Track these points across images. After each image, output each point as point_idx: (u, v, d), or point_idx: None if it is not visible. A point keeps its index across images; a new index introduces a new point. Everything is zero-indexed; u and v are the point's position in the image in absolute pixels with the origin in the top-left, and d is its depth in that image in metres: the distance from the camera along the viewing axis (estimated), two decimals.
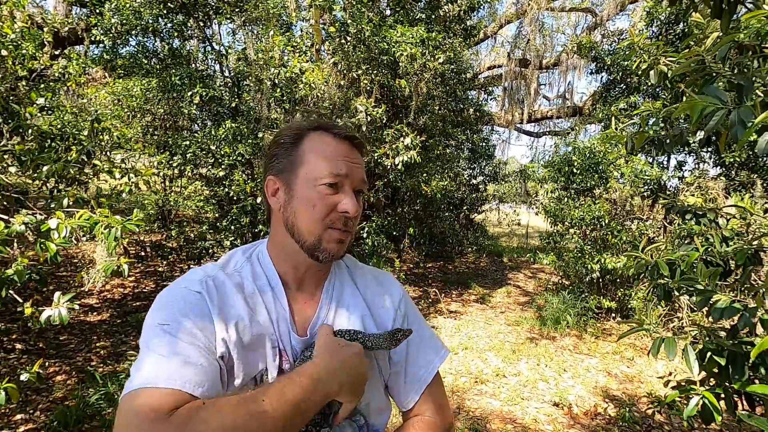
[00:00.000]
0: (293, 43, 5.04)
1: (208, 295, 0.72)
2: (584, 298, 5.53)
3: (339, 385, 0.67)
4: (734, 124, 1.01)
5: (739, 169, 6.12)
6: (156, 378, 0.59)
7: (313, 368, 0.66)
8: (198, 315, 0.69)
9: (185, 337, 0.65)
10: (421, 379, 0.86)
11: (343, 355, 0.70)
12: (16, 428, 2.59)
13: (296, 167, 0.76)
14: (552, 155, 6.90)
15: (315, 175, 0.75)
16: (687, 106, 1.12)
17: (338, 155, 0.76)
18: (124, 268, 1.85)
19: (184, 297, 0.71)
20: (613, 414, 3.38)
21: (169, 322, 0.66)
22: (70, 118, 3.49)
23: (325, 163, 0.75)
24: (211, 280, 0.75)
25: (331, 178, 0.74)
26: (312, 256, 0.77)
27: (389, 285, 0.91)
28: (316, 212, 0.74)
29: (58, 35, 6.69)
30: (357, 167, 0.78)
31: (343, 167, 0.75)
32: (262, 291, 0.77)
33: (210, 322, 0.69)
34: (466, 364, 4.23)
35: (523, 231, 13.89)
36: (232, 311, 0.72)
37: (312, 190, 0.74)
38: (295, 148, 0.77)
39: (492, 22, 10.16)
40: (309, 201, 0.74)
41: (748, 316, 1.06)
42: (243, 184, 4.63)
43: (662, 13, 5.81)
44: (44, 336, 3.88)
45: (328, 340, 0.73)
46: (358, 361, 0.71)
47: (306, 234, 0.76)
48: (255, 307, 0.75)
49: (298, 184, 0.76)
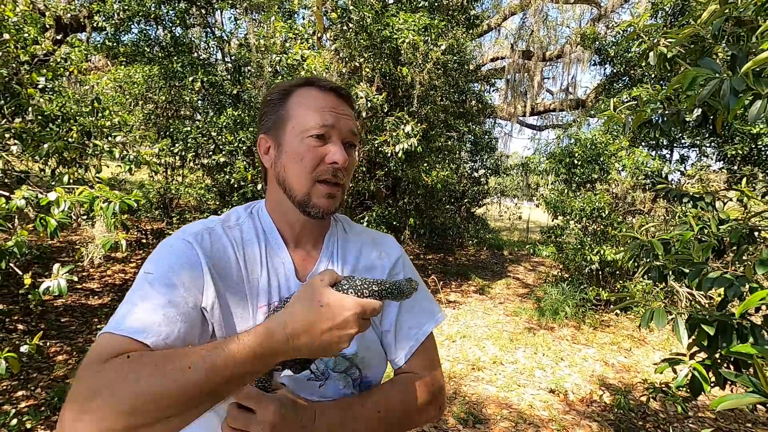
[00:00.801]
0: (295, 31, 5.03)
1: (200, 247, 0.72)
2: (583, 289, 5.54)
3: (294, 350, 0.60)
4: (726, 93, 1.02)
5: (742, 163, 6.09)
6: (118, 325, 0.60)
7: (257, 338, 0.58)
8: (185, 265, 0.68)
9: (161, 288, 0.64)
10: (413, 339, 0.86)
11: (316, 316, 0.59)
12: (18, 404, 2.63)
13: (284, 122, 0.77)
14: (554, 147, 6.88)
15: (302, 128, 0.75)
16: (680, 77, 1.12)
17: (325, 106, 0.76)
18: (122, 243, 1.86)
19: (173, 247, 0.71)
20: (609, 401, 3.40)
21: (152, 272, 0.67)
22: (71, 105, 3.51)
23: (312, 115, 0.75)
24: (207, 233, 0.75)
25: (318, 129, 0.74)
26: (303, 211, 0.77)
27: (387, 245, 0.91)
28: (305, 165, 0.74)
29: (60, 22, 6.68)
30: (345, 118, 0.78)
31: (330, 118, 0.75)
32: (261, 243, 0.78)
33: (199, 272, 0.69)
34: (464, 351, 4.26)
35: (524, 225, 13.88)
36: (226, 262, 0.73)
37: (300, 143, 0.75)
38: (283, 104, 0.78)
39: (496, 13, 10.09)
40: (297, 154, 0.75)
41: (738, 286, 1.07)
42: (244, 171, 4.64)
43: (667, 4, 5.76)
44: (45, 317, 3.92)
45: (305, 295, 0.62)
46: (338, 333, 0.60)
47: (296, 189, 0.76)
48: (253, 257, 0.76)
49: (286, 139, 0.76)
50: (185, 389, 0.53)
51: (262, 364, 0.59)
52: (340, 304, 0.60)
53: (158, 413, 0.52)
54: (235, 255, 0.75)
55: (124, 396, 0.51)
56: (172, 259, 0.69)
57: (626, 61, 6.96)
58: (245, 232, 0.79)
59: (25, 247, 1.62)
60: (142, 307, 0.62)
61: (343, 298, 0.61)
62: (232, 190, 5.02)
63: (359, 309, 0.61)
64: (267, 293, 0.75)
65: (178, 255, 0.70)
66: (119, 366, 0.54)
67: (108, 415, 0.50)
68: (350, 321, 0.60)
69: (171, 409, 0.52)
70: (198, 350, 0.56)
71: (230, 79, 5.39)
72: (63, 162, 2.79)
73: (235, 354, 0.56)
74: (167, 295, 0.64)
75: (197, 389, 0.53)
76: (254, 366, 0.58)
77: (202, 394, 0.54)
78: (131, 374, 0.52)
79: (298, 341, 0.59)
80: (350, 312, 0.60)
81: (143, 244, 6.20)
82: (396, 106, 5.37)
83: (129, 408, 0.51)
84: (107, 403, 0.51)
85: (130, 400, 0.51)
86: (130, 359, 0.55)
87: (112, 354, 0.56)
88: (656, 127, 1.67)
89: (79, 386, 0.54)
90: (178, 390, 0.52)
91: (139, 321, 0.60)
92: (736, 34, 1.10)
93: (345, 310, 0.60)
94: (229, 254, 0.74)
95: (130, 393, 0.51)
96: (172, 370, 0.53)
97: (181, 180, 6.82)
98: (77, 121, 2.74)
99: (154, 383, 0.52)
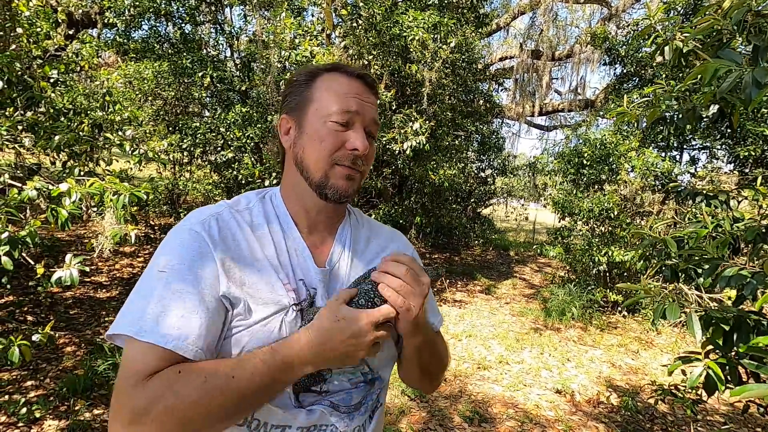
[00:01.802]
0: (304, 28, 5.04)
1: (208, 235, 0.71)
2: (590, 290, 5.50)
3: (323, 362, 0.66)
4: (748, 85, 0.99)
5: (754, 165, 6.00)
6: (140, 331, 0.62)
7: (292, 351, 0.65)
8: (196, 258, 0.68)
9: (179, 285, 0.65)
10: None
11: (337, 337, 0.65)
12: (27, 393, 2.66)
13: (307, 104, 0.76)
14: (563, 146, 6.83)
15: (325, 112, 0.74)
16: (700, 69, 1.10)
17: (350, 92, 0.75)
18: (132, 235, 1.87)
19: (182, 240, 0.70)
20: (616, 403, 3.37)
21: (165, 269, 0.67)
22: (82, 100, 3.54)
23: (336, 99, 0.74)
24: (214, 219, 0.74)
25: (342, 114, 0.74)
26: (320, 194, 0.76)
27: (399, 240, 0.92)
28: (324, 147, 0.74)
29: (72, 18, 6.75)
30: (369, 106, 0.77)
31: (354, 104, 0.74)
32: (271, 227, 0.77)
33: (211, 261, 0.68)
34: (470, 350, 4.24)
35: (531, 227, 13.80)
36: (236, 247, 0.72)
37: (322, 126, 0.74)
38: (308, 86, 0.77)
39: (505, 12, 10.04)
40: (318, 136, 0.74)
41: (755, 284, 1.05)
42: (252, 167, 4.65)
43: (679, 3, 5.70)
44: (55, 309, 3.96)
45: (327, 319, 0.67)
46: (354, 342, 0.66)
47: (313, 170, 0.75)
48: (264, 238, 0.75)
49: (308, 120, 0.76)
50: (231, 397, 0.61)
51: (293, 372, 0.66)
52: (353, 317, 0.66)
53: (206, 421, 0.60)
54: (245, 237, 0.74)
55: (177, 411, 0.58)
56: (183, 253, 0.68)
57: (637, 61, 6.89)
58: (255, 215, 0.78)
59: (37, 236, 1.64)
60: (158, 309, 0.64)
61: (354, 312, 0.67)
62: (239, 186, 5.03)
63: (371, 319, 0.66)
64: (285, 270, 0.74)
65: (187, 247, 0.69)
66: (171, 380, 0.60)
67: (160, 427, 0.58)
68: (364, 330, 0.65)
69: (219, 415, 0.61)
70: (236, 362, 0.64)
71: (239, 76, 5.41)
72: (73, 155, 2.81)
73: (268, 363, 0.63)
74: (185, 295, 0.65)
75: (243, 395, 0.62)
76: (287, 373, 0.65)
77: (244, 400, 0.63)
78: (183, 389, 0.59)
79: (322, 351, 0.65)
80: (363, 322, 0.66)
81: (151, 239, 6.25)
82: (404, 104, 5.36)
83: (181, 420, 0.58)
84: (157, 419, 0.58)
85: (182, 412, 0.58)
86: (181, 374, 0.60)
87: (150, 368, 0.61)
88: (671, 123, 1.64)
89: (127, 402, 0.59)
90: (226, 399, 0.60)
91: (167, 327, 0.63)
92: (758, 25, 1.07)
93: (358, 321, 0.66)
94: (238, 237, 0.73)
95: (180, 408, 0.58)
96: (218, 381, 0.61)
97: (188, 176, 6.85)
98: (88, 115, 2.77)
99: (203, 396, 0.59)
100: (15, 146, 2.29)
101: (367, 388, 0.77)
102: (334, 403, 0.74)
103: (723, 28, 1.13)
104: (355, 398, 0.76)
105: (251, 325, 0.69)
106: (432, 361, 0.85)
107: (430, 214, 7.29)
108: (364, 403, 0.77)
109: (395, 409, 3.01)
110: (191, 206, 6.58)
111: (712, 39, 1.47)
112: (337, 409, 0.74)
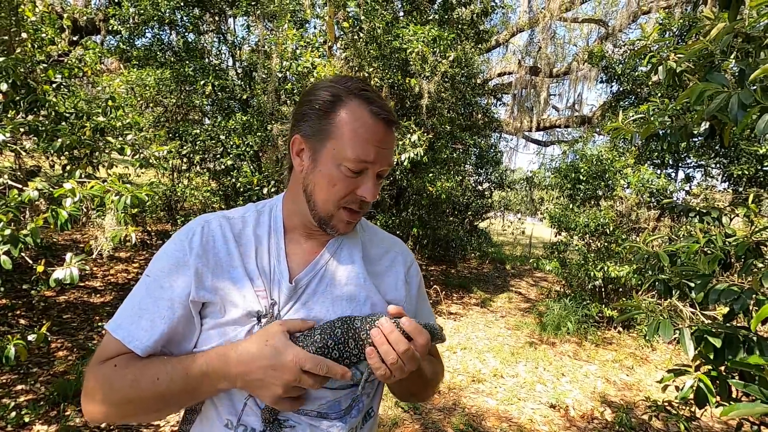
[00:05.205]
0: (307, 39, 5.11)
1: (189, 244, 0.75)
2: (586, 305, 5.50)
3: (241, 383, 0.68)
4: (734, 107, 1.03)
5: (747, 184, 6.08)
6: (117, 327, 0.72)
7: (213, 364, 0.68)
8: (173, 267, 0.74)
9: (154, 291, 0.73)
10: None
11: (257, 362, 0.65)
12: (17, 398, 2.63)
13: (326, 138, 0.74)
14: (560, 162, 6.90)
15: (342, 156, 0.72)
16: (689, 91, 1.14)
17: (371, 138, 0.73)
18: (132, 236, 1.88)
19: (167, 248, 0.77)
20: (610, 418, 3.36)
21: (149, 275, 0.75)
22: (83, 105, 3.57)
23: (355, 146, 0.72)
24: (200, 228, 0.78)
25: (358, 164, 0.73)
26: (320, 225, 0.79)
27: (400, 249, 0.92)
28: (336, 192, 0.75)
29: (76, 24, 6.82)
30: (386, 152, 0.76)
31: (372, 154, 0.73)
32: (259, 237, 0.79)
33: (186, 269, 0.73)
34: (464, 363, 4.22)
35: (527, 241, 13.83)
36: (215, 256, 0.75)
37: (335, 169, 0.73)
38: (329, 115, 0.74)
39: (504, 29, 10.21)
40: (330, 178, 0.74)
41: (745, 299, 1.07)
42: (251, 175, 4.67)
43: (675, 24, 5.82)
44: (48, 313, 3.93)
45: (256, 341, 0.68)
46: (273, 373, 0.65)
47: (321, 207, 0.77)
48: (245, 251, 0.77)
49: (323, 157, 0.74)
50: (154, 396, 0.68)
51: (210, 383, 0.69)
52: (280, 348, 0.66)
53: (138, 410, 0.70)
54: (226, 245, 0.77)
55: (112, 399, 0.69)
56: (163, 262, 0.75)
57: (633, 79, 7.00)
58: (246, 225, 0.80)
59: (38, 236, 1.64)
60: (136, 311, 0.73)
61: (288, 345, 0.67)
62: (237, 194, 5.05)
63: (299, 361, 0.65)
64: (264, 278, 0.76)
65: (168, 257, 0.76)
66: (108, 373, 0.70)
67: (104, 408, 0.69)
68: (288, 366, 0.65)
69: (147, 408, 0.70)
70: (165, 365, 0.69)
71: (240, 85, 5.46)
72: (74, 159, 2.83)
73: (189, 371, 0.68)
74: (157, 300, 0.72)
75: (164, 396, 0.68)
76: (203, 383, 0.69)
77: (167, 400, 0.69)
78: (116, 383, 0.68)
79: (236, 369, 0.67)
80: (289, 358, 0.65)
81: (148, 244, 6.23)
82: (403, 117, 5.42)
83: (117, 406, 0.69)
84: (100, 400, 0.69)
85: (117, 401, 0.69)
86: (116, 368, 0.70)
87: (108, 356, 0.72)
88: (664, 139, 1.68)
89: (86, 382, 0.71)
90: (150, 397, 0.68)
91: (131, 328, 0.72)
92: (744, 49, 1.11)
93: (283, 355, 0.65)
94: (219, 246, 0.77)
95: (115, 397, 0.68)
96: (144, 382, 0.68)
97: (186, 183, 6.86)
98: (90, 119, 2.79)
99: (131, 392, 0.68)
100: (15, 149, 2.31)
101: (354, 391, 0.78)
102: (321, 413, 0.75)
103: (714, 51, 1.18)
104: (344, 403, 0.77)
105: (223, 325, 0.73)
106: (419, 383, 0.85)
107: (427, 226, 7.30)
108: (354, 406, 0.78)
109: (388, 420, 2.99)
110: (188, 213, 6.58)
111: (704, 60, 1.52)
112: (326, 417, 0.75)
